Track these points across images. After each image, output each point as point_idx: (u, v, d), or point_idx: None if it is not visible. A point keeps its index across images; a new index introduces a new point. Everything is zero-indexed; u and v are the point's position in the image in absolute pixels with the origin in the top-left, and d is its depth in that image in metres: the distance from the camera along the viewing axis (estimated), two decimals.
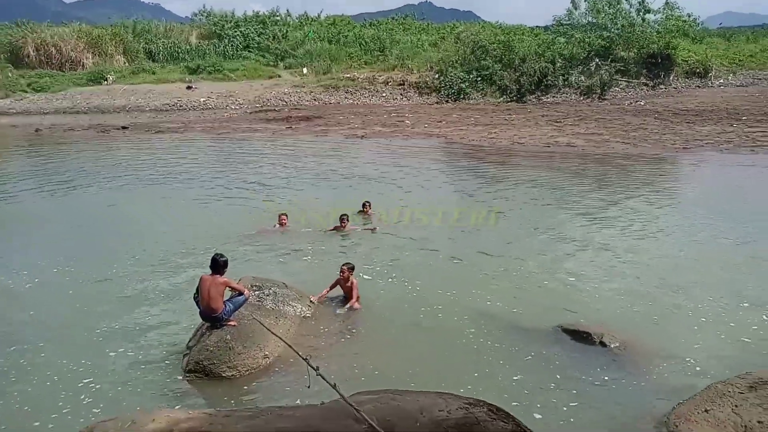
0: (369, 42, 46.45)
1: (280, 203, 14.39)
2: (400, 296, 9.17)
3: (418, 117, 30.20)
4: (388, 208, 13.70)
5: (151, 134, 27.28)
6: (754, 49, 42.03)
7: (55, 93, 39.53)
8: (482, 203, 14.51)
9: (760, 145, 20.78)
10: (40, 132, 28.80)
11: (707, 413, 5.67)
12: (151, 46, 46.75)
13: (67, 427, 5.72)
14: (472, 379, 6.80)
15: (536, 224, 12.73)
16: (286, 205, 14.11)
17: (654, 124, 25.85)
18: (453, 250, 11.16)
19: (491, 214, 13.40)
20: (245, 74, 42.75)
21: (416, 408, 4.00)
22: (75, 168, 19.92)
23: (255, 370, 7.14)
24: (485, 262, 10.49)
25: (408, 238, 11.81)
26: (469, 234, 12.20)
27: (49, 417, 6.28)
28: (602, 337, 7.52)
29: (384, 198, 14.83)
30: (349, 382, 6.08)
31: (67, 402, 6.55)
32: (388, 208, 13.72)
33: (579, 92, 36.02)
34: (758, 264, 10.17)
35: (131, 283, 9.78)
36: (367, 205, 13.14)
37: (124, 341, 7.87)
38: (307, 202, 14.59)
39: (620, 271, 10.02)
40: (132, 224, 13.23)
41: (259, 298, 8.34)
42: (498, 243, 11.50)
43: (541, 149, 21.67)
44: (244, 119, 31.77)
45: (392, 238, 11.82)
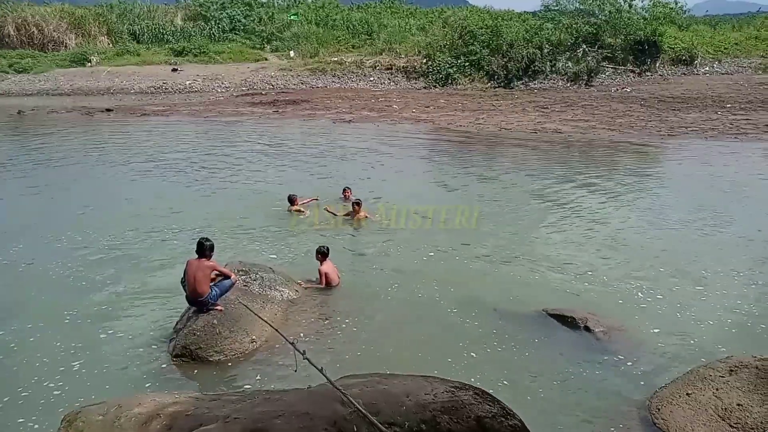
0: (357, 25, 46.08)
1: (265, 189, 14.33)
2: (387, 281, 9.19)
3: (406, 102, 30.08)
4: (373, 195, 13.71)
5: (136, 117, 26.95)
6: (740, 37, 42.18)
7: (37, 74, 38.90)
8: (468, 190, 14.55)
9: (744, 132, 20.97)
10: (23, 114, 28.34)
11: (689, 396, 5.77)
12: (136, 27, 46.07)
13: (53, 410, 5.70)
14: (458, 363, 6.86)
15: (521, 211, 12.79)
16: (275, 188, 14.09)
17: (640, 111, 25.95)
18: (439, 237, 11.18)
19: (476, 202, 13.46)
20: (231, 57, 42.32)
21: (402, 391, 4.02)
22: (61, 151, 19.64)
23: (242, 354, 7.14)
24: (471, 249, 10.52)
25: (396, 225, 11.82)
26: (454, 221, 12.22)
27: (35, 401, 6.26)
28: (587, 322, 7.60)
29: (368, 184, 14.85)
30: (336, 366, 6.12)
31: (53, 386, 6.53)
32: (374, 195, 13.73)
33: (566, 78, 36.00)
34: (741, 250, 10.30)
35: (118, 267, 9.72)
36: (348, 191, 13.17)
37: (111, 325, 7.84)
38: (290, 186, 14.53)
39: (605, 256, 10.11)
40: (121, 208, 13.11)
41: (245, 283, 8.32)
42: (483, 230, 11.55)
43: (528, 135, 21.71)
44: (230, 102, 31.46)
45: (379, 225, 11.82)
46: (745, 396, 5.56)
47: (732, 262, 9.76)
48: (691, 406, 5.66)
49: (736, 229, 11.32)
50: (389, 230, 11.45)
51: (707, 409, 5.57)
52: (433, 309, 8.27)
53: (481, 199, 13.59)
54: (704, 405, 5.61)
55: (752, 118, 23.51)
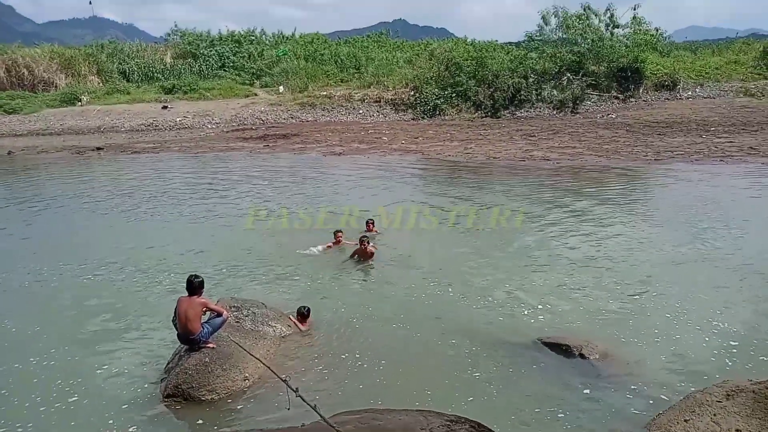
0: (345, 60, 46.72)
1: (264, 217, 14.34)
2: (379, 314, 9.14)
3: (395, 133, 30.35)
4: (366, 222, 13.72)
5: (126, 155, 27.00)
6: (720, 61, 43.09)
7: (27, 114, 39.02)
8: (460, 219, 14.57)
9: (729, 155, 21.26)
10: (13, 154, 28.33)
11: (687, 423, 5.73)
12: (125, 66, 46.50)
13: None
14: (453, 396, 6.78)
15: (513, 239, 12.81)
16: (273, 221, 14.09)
17: (626, 136, 26.30)
18: (431, 268, 11.17)
19: (469, 229, 13.52)
20: (221, 93, 42.69)
21: (398, 426, 3.99)
22: (50, 191, 19.59)
23: (235, 392, 7.04)
24: (464, 279, 10.50)
25: (388, 256, 11.82)
26: (447, 251, 12.24)
27: None
28: (581, 349, 7.57)
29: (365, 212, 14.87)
30: (330, 403, 6.04)
31: (42, 427, 6.39)
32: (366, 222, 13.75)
33: (552, 106, 36.54)
34: (732, 272, 10.34)
35: (108, 306, 9.62)
36: (371, 223, 12.95)
37: (100, 366, 7.72)
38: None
39: (597, 282, 10.11)
40: (111, 246, 13.02)
41: (237, 319, 8.25)
42: (476, 260, 11.55)
43: (517, 163, 21.90)
44: (221, 138, 31.63)
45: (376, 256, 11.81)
46: (744, 421, 5.53)
47: (724, 285, 9.78)
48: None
49: (727, 252, 11.37)
50: (382, 262, 11.42)
51: None
52: (426, 342, 8.22)
53: (472, 229, 13.61)
54: (702, 431, 5.57)
55: (736, 140, 23.88)
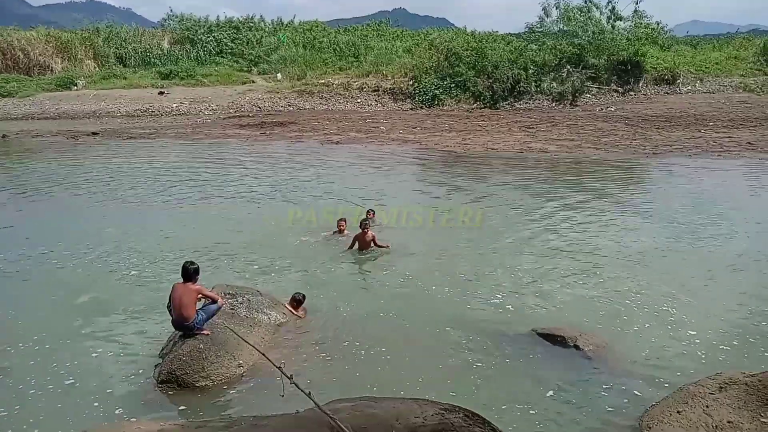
0: (344, 48, 46.45)
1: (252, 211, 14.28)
2: (375, 303, 9.14)
3: (393, 123, 30.25)
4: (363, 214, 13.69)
5: (122, 140, 26.86)
6: (720, 56, 42.98)
7: (22, 98, 38.69)
8: (456, 210, 14.55)
9: (727, 150, 21.27)
10: (7, 138, 28.15)
11: (679, 414, 5.75)
12: (122, 50, 46.13)
13: None
14: (447, 385, 6.80)
15: (509, 230, 12.82)
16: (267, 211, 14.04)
17: (624, 129, 26.27)
18: (428, 258, 11.18)
19: (464, 221, 13.51)
20: (218, 80, 42.40)
21: (392, 415, 3.98)
22: (45, 175, 19.48)
23: (229, 379, 7.04)
24: (459, 270, 10.51)
25: (384, 247, 11.79)
26: (442, 242, 12.23)
27: (16, 429, 6.11)
28: (576, 341, 7.59)
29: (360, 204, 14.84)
30: (324, 390, 6.03)
31: (36, 413, 6.38)
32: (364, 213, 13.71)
33: (551, 99, 36.43)
34: (727, 266, 10.38)
35: (102, 292, 9.60)
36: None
37: (94, 352, 7.71)
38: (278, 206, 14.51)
39: (592, 274, 10.14)
40: (105, 231, 12.97)
41: (232, 306, 8.23)
42: (471, 251, 11.56)
43: (515, 155, 21.87)
44: (217, 125, 31.46)
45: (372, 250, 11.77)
46: (735, 413, 5.55)
47: (718, 278, 9.83)
48: (682, 424, 5.64)
49: (722, 245, 11.41)
50: (379, 253, 11.41)
51: (698, 426, 5.55)
52: (421, 331, 8.22)
53: (468, 221, 13.59)
54: (695, 423, 5.60)
55: (734, 135, 23.89)
